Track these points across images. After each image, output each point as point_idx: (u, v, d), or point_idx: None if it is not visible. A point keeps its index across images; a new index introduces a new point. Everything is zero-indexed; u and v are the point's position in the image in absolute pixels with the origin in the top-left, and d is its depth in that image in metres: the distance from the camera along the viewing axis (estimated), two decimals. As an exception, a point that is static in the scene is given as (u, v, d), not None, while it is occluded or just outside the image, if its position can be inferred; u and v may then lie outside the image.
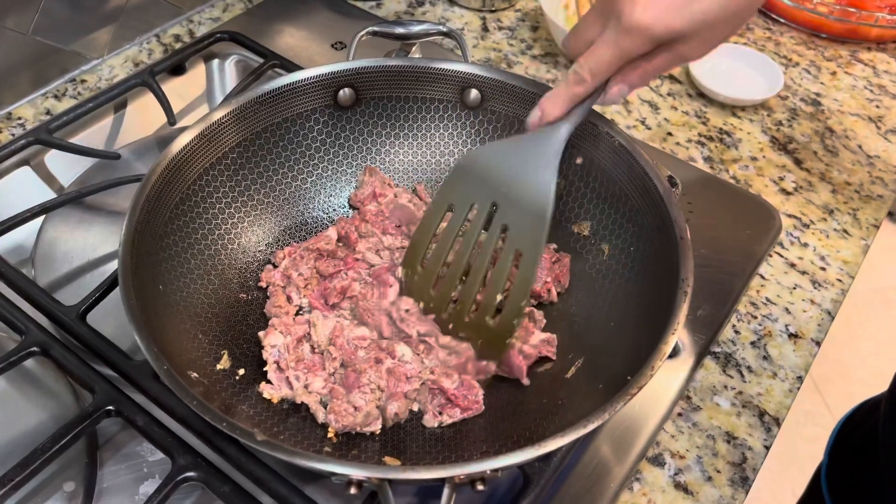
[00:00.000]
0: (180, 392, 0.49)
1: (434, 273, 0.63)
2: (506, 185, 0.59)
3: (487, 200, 0.60)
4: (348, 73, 0.71)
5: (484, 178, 0.60)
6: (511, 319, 0.60)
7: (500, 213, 0.59)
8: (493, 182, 0.59)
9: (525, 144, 0.59)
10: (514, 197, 0.59)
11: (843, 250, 0.82)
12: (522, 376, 0.62)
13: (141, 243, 0.58)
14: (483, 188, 0.60)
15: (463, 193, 0.61)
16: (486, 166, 0.60)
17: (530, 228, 0.58)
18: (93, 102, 0.85)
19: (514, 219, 0.59)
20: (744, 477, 0.63)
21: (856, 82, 1.04)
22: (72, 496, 0.60)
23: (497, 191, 0.59)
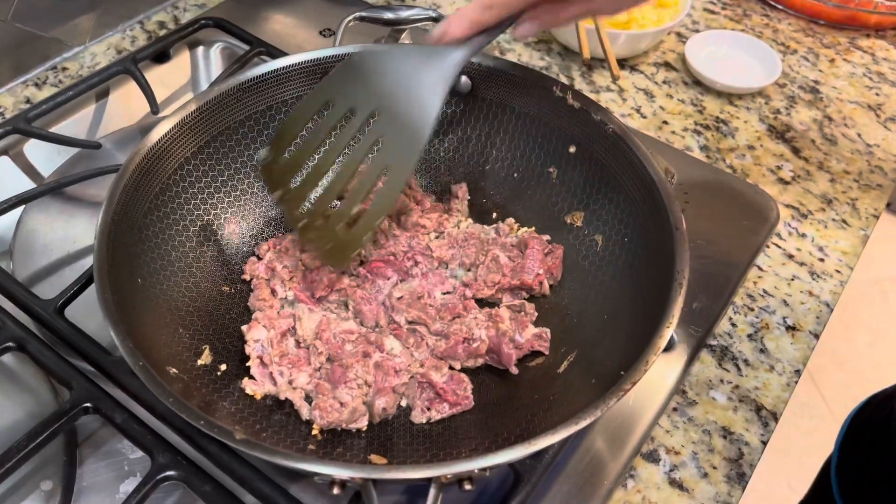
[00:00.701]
0: (156, 389, 0.47)
1: (297, 166, 0.60)
2: (389, 97, 0.56)
3: (368, 107, 0.57)
4: (333, 59, 0.69)
5: (370, 83, 0.57)
6: (362, 233, 0.58)
7: (377, 123, 0.57)
8: (378, 90, 0.57)
9: (419, 59, 0.56)
10: (395, 111, 0.56)
11: (841, 241, 0.80)
12: (510, 365, 0.60)
13: (118, 235, 0.57)
14: (367, 93, 0.57)
15: (345, 93, 0.58)
16: (374, 71, 0.57)
17: (404, 146, 0.56)
18: (73, 91, 0.82)
19: (391, 133, 0.57)
20: (740, 473, 0.62)
21: (855, 70, 1.02)
22: (49, 495, 0.58)
23: (380, 100, 0.57)
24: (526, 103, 0.69)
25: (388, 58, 0.57)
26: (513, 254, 0.67)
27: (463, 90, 0.72)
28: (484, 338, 0.61)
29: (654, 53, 1.02)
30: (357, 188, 0.57)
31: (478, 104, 0.72)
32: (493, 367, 0.62)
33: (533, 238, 0.67)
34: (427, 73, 0.56)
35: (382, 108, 0.57)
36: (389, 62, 0.57)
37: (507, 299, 0.66)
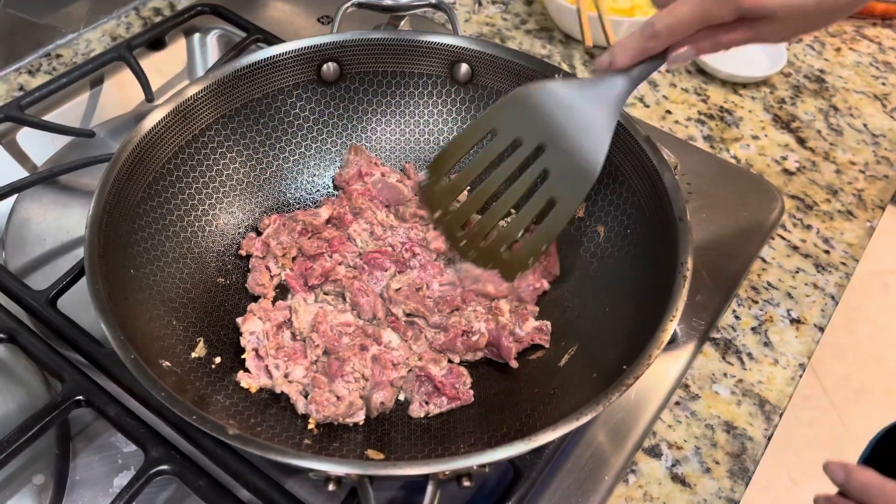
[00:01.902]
0: (148, 383, 0.46)
1: (460, 188, 0.60)
2: (559, 131, 0.56)
3: (536, 139, 0.57)
4: (332, 46, 0.68)
5: (538, 115, 0.57)
6: (527, 257, 0.58)
7: (545, 156, 0.57)
8: (547, 123, 0.56)
9: (587, 92, 0.56)
10: (564, 145, 0.56)
11: (847, 232, 0.79)
12: (510, 358, 0.59)
13: (110, 225, 0.55)
14: (534, 126, 0.57)
15: (512, 124, 0.57)
16: (543, 105, 0.56)
17: (573, 180, 0.56)
18: (66, 78, 0.81)
19: (559, 167, 0.56)
20: (743, 468, 0.61)
21: (861, 59, 1.01)
22: (42, 489, 0.57)
23: (548, 134, 0.56)
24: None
25: (555, 91, 0.56)
26: None
27: (463, 78, 0.70)
28: (483, 331, 0.60)
29: (658, 42, 1.00)
30: (521, 217, 0.58)
31: (478, 92, 0.71)
32: (492, 360, 0.61)
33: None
34: (595, 107, 0.55)
35: (549, 141, 0.56)
36: (556, 96, 0.56)
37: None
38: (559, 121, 0.56)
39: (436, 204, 0.61)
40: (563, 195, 0.56)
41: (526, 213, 0.58)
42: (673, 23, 0.51)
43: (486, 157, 0.58)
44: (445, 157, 0.60)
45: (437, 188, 0.60)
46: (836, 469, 0.46)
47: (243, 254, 0.66)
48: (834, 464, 0.47)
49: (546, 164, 0.57)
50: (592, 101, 0.55)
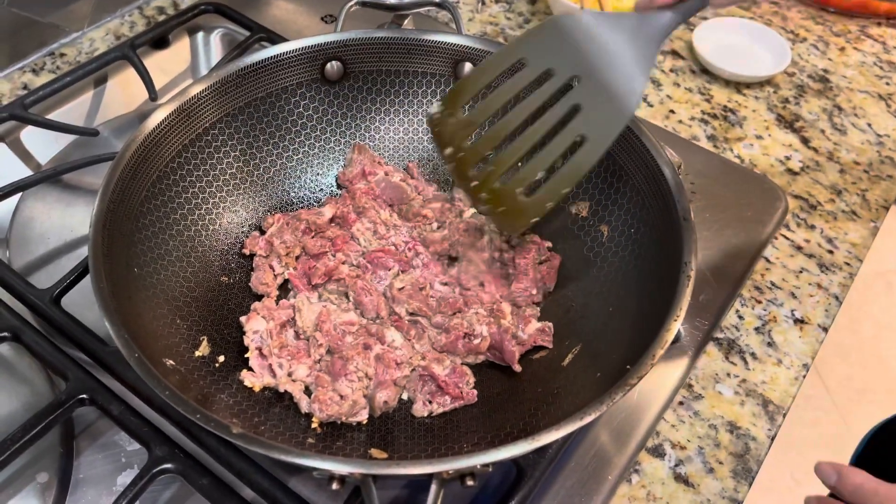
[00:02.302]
0: (152, 381, 0.46)
1: (476, 123, 0.55)
2: (595, 64, 0.52)
3: (569, 72, 0.53)
4: (335, 45, 0.68)
5: (573, 47, 0.52)
6: (546, 200, 0.54)
7: (577, 90, 0.53)
8: (582, 54, 0.52)
9: (628, 25, 0.52)
10: (600, 79, 0.52)
11: (851, 232, 0.79)
12: (514, 362, 0.59)
13: (114, 224, 0.55)
14: (569, 56, 0.53)
15: (544, 53, 0.53)
16: (581, 36, 0.52)
17: (605, 118, 0.52)
18: (71, 77, 0.81)
19: (591, 102, 0.52)
20: (747, 468, 0.61)
21: (865, 58, 1.00)
22: (45, 487, 0.57)
23: (583, 66, 0.52)
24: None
25: (594, 23, 0.52)
26: (508, 255, 0.65)
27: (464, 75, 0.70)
28: (485, 334, 0.59)
29: (661, 41, 1.00)
30: (545, 154, 0.53)
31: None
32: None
33: (532, 245, 0.65)
34: (634, 42, 0.52)
35: (584, 75, 0.52)
36: (595, 27, 0.52)
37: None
38: (596, 54, 0.52)
39: (448, 139, 0.56)
40: (593, 133, 0.52)
41: (551, 150, 0.53)
42: None
43: (510, 88, 0.54)
44: (464, 87, 0.55)
45: (451, 121, 0.55)
46: (828, 471, 0.45)
47: (247, 253, 0.66)
48: (825, 465, 0.46)
49: (578, 98, 0.52)
50: (633, 37, 0.52)
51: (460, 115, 0.55)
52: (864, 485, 0.43)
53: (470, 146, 0.56)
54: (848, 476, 0.44)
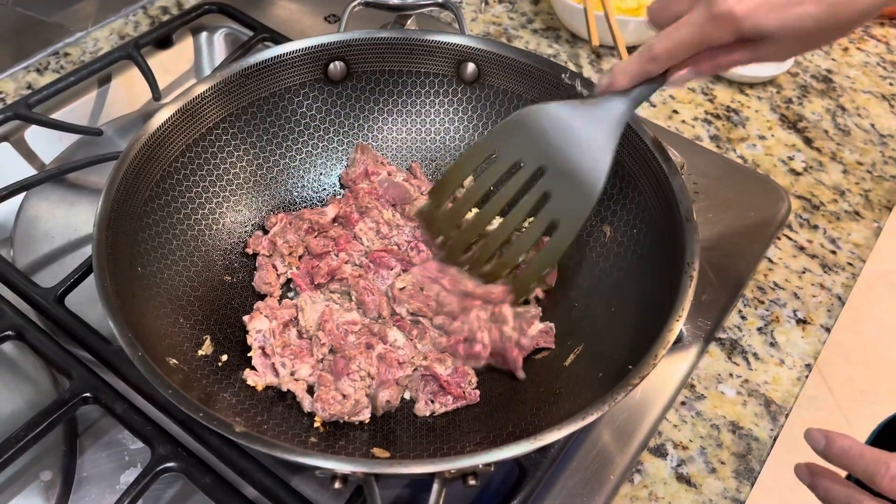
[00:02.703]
0: (155, 380, 0.46)
1: (461, 213, 0.59)
2: (559, 153, 0.55)
3: (536, 162, 0.56)
4: (338, 45, 0.68)
5: (538, 137, 0.56)
6: (529, 281, 0.58)
7: (545, 178, 0.56)
8: (547, 145, 0.56)
9: (586, 113, 0.55)
10: (564, 167, 0.55)
11: (854, 233, 0.79)
12: (517, 369, 0.59)
13: (118, 223, 0.56)
14: (534, 148, 0.56)
15: (511, 146, 0.57)
16: (543, 127, 0.56)
17: (574, 203, 0.55)
18: (74, 76, 0.81)
19: (559, 189, 0.55)
20: (749, 468, 0.61)
21: (868, 59, 1.00)
22: (49, 486, 0.57)
23: (548, 156, 0.55)
24: (534, 91, 0.68)
25: (554, 113, 0.56)
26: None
27: (470, 78, 0.70)
28: (486, 342, 0.59)
29: (664, 41, 1.00)
30: (522, 241, 0.57)
31: (484, 91, 0.71)
32: (498, 358, 0.61)
33: None
34: (594, 128, 0.55)
35: (550, 164, 0.56)
36: (556, 118, 0.56)
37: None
38: (559, 143, 0.55)
39: (437, 230, 0.60)
40: (564, 217, 0.55)
41: (527, 237, 0.57)
42: (672, 46, 0.51)
43: (486, 180, 0.57)
44: (446, 183, 0.60)
45: (438, 214, 0.60)
46: (817, 437, 0.46)
47: (250, 252, 0.66)
48: (814, 431, 0.47)
49: (547, 186, 0.56)
50: (592, 123, 0.55)
51: (446, 207, 0.60)
52: (851, 449, 0.44)
53: (457, 235, 0.59)
54: (835, 441, 0.45)
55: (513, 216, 0.57)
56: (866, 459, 0.43)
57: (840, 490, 0.44)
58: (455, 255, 0.59)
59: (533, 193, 0.56)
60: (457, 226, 0.59)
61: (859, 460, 0.43)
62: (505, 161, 0.57)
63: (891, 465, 0.42)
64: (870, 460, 0.43)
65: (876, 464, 0.42)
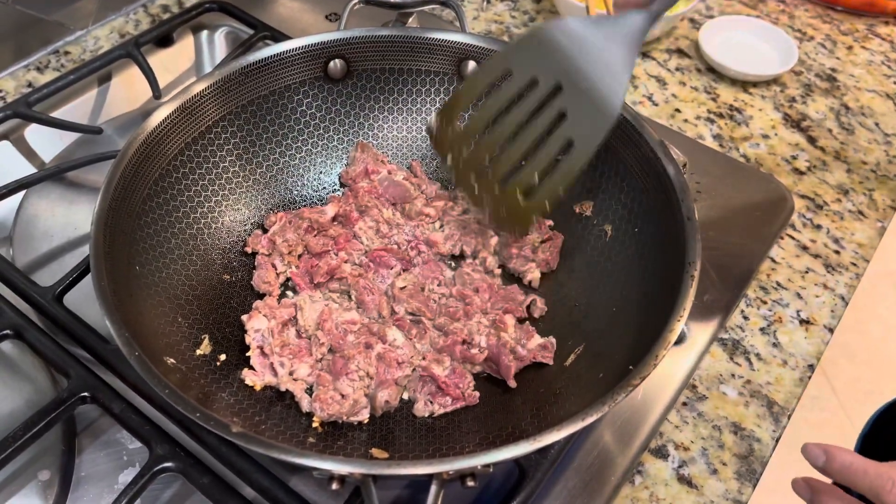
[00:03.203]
0: (152, 380, 0.46)
1: (472, 132, 0.57)
2: (576, 70, 0.54)
3: (552, 79, 0.54)
4: (338, 43, 0.68)
5: (556, 54, 0.54)
6: (542, 202, 0.56)
7: (562, 96, 0.54)
8: (564, 62, 0.54)
9: (606, 29, 0.54)
10: (582, 85, 0.54)
11: (857, 233, 0.78)
12: (509, 377, 0.58)
13: (116, 222, 0.55)
14: (551, 64, 0.54)
15: (528, 62, 0.55)
16: (560, 43, 0.54)
17: (591, 121, 0.54)
18: (74, 75, 0.81)
19: (576, 107, 0.54)
20: (751, 470, 0.60)
21: (873, 57, 1.00)
22: (47, 485, 0.57)
23: (566, 72, 0.54)
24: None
25: (572, 29, 0.54)
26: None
27: (469, 73, 0.70)
28: (483, 345, 0.59)
29: (667, 40, 1.00)
30: (537, 160, 0.55)
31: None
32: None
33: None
34: (613, 44, 0.53)
35: (567, 81, 0.54)
36: (574, 34, 0.54)
37: (517, 265, 0.65)
38: (576, 59, 0.54)
39: (447, 149, 0.58)
40: (581, 135, 0.54)
41: (543, 155, 0.55)
42: None
43: (499, 99, 0.56)
44: (456, 101, 0.58)
45: (448, 131, 0.58)
46: (816, 452, 0.45)
47: (249, 251, 0.66)
48: (812, 446, 0.46)
49: (563, 104, 0.54)
50: (611, 39, 0.53)
51: (457, 126, 0.58)
52: (853, 464, 0.43)
53: (468, 155, 0.58)
54: (836, 456, 0.44)
55: (527, 134, 0.55)
56: (870, 475, 0.42)
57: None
58: (465, 176, 0.58)
59: (549, 111, 0.55)
60: (467, 143, 0.58)
61: (863, 476, 0.42)
62: (520, 78, 0.55)
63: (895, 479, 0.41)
64: (874, 476, 0.42)
65: (880, 479, 0.41)
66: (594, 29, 0.54)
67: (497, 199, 0.57)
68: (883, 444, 0.77)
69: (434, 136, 0.58)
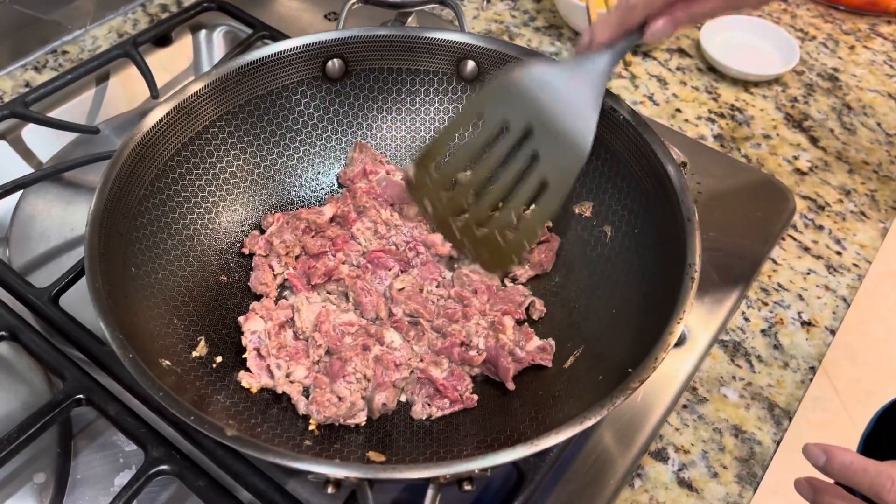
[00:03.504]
0: (146, 382, 0.46)
1: (450, 177, 0.58)
2: (546, 113, 0.55)
3: (523, 122, 0.55)
4: (337, 42, 0.67)
5: (525, 98, 0.55)
6: (523, 239, 0.57)
7: (534, 139, 0.55)
8: (534, 106, 0.55)
9: (570, 71, 0.55)
10: (552, 127, 0.55)
11: (859, 234, 0.77)
12: (507, 380, 0.57)
13: (111, 223, 0.55)
14: (521, 109, 0.55)
15: (498, 108, 0.56)
16: (528, 87, 0.55)
17: (563, 161, 0.55)
18: (72, 74, 0.81)
19: (548, 149, 0.55)
20: (752, 473, 0.60)
21: (875, 57, 0.99)
22: (43, 488, 0.57)
23: (536, 116, 0.55)
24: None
25: (539, 73, 0.55)
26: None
27: (469, 76, 0.70)
28: (482, 347, 0.58)
29: (668, 39, 0.99)
30: (513, 202, 0.56)
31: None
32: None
33: None
34: (579, 85, 0.55)
35: (537, 124, 0.55)
36: (541, 77, 0.55)
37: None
38: (545, 102, 0.55)
39: (427, 195, 0.59)
40: (554, 176, 0.55)
41: (519, 197, 0.56)
42: None
43: (473, 145, 0.56)
44: (431, 150, 0.59)
45: (426, 181, 0.58)
46: (816, 452, 0.45)
47: (246, 252, 0.65)
48: (813, 447, 0.46)
49: (535, 146, 0.55)
50: (577, 80, 0.55)
51: (433, 174, 0.58)
52: (853, 464, 0.43)
53: (446, 201, 0.58)
54: (836, 456, 0.44)
55: (503, 178, 0.56)
56: (870, 474, 0.42)
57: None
58: (445, 222, 0.58)
59: (522, 154, 0.55)
60: (445, 190, 0.58)
61: (863, 475, 0.42)
62: (491, 123, 0.56)
63: (895, 478, 0.41)
64: (874, 475, 0.42)
65: (880, 477, 0.41)
66: (559, 72, 0.55)
67: (478, 242, 0.58)
68: (886, 444, 0.77)
69: (411, 184, 0.59)
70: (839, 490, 0.45)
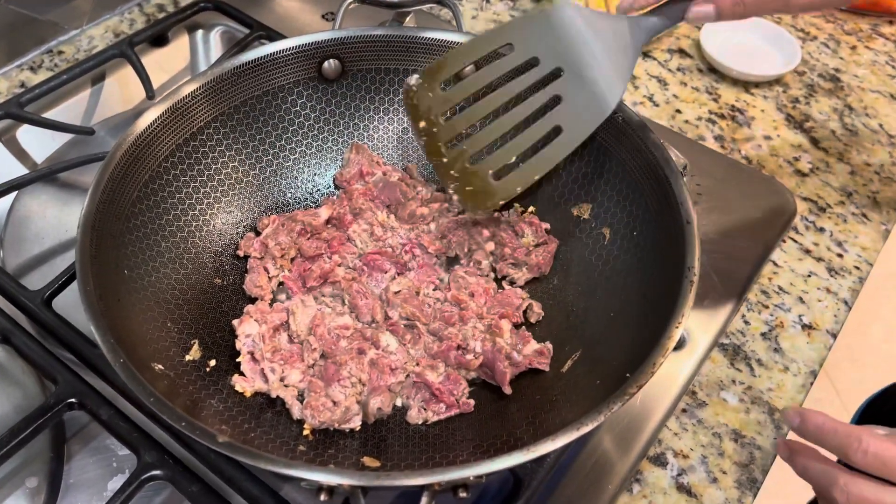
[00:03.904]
0: (137, 387, 0.45)
1: (454, 101, 0.55)
2: (581, 58, 0.53)
3: (554, 62, 0.53)
4: (333, 42, 0.67)
5: (563, 38, 0.53)
6: (516, 185, 0.54)
7: (560, 81, 0.53)
8: (570, 48, 0.53)
9: (614, 25, 0.53)
10: (583, 74, 0.53)
11: (861, 236, 0.77)
12: (504, 384, 0.56)
13: (103, 225, 0.54)
14: (556, 48, 0.53)
15: (532, 41, 0.53)
16: (570, 29, 0.53)
17: (584, 112, 0.53)
18: (67, 75, 0.80)
19: (573, 95, 0.53)
20: (752, 478, 0.59)
21: (877, 57, 0.98)
22: (35, 492, 0.56)
23: (569, 59, 0.53)
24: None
25: (586, 17, 0.53)
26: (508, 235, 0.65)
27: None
28: (478, 351, 0.57)
29: (668, 40, 0.99)
30: (521, 140, 0.53)
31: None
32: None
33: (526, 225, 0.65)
34: (620, 40, 0.52)
35: (569, 68, 0.53)
36: (587, 21, 0.53)
37: (507, 267, 0.64)
38: (583, 49, 0.52)
39: (423, 113, 0.55)
40: (571, 125, 0.53)
41: (528, 136, 0.53)
42: None
43: (493, 71, 0.53)
44: (446, 63, 0.55)
45: (428, 96, 0.55)
46: (791, 415, 0.46)
47: (241, 254, 0.65)
48: (790, 411, 0.47)
49: (560, 89, 0.53)
50: (622, 36, 0.52)
51: (438, 91, 0.55)
52: (825, 425, 0.44)
53: (444, 123, 0.55)
54: (809, 418, 0.45)
55: (518, 111, 0.53)
56: (839, 435, 0.43)
57: (817, 466, 0.45)
58: (435, 145, 0.55)
59: (545, 92, 0.53)
60: (446, 111, 0.55)
61: (832, 436, 0.43)
62: (521, 54, 0.53)
63: (863, 439, 0.42)
64: (843, 435, 0.43)
65: (848, 438, 0.42)
66: (610, 24, 0.53)
67: (466, 174, 0.55)
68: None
69: (411, 96, 0.55)
70: (814, 451, 0.46)
